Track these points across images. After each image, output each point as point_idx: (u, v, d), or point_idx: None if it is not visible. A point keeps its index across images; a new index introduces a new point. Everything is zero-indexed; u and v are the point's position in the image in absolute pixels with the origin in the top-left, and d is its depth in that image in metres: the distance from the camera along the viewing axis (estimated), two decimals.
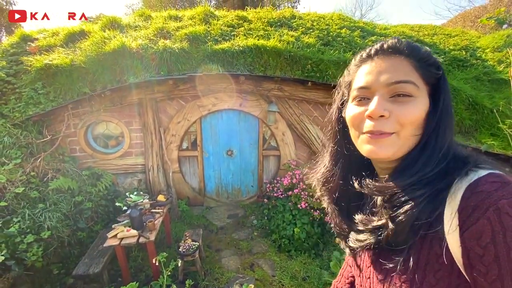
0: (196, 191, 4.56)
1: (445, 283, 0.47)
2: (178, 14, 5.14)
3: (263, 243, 3.59)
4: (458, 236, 0.45)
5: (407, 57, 0.54)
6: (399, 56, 0.55)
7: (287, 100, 4.13)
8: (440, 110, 0.54)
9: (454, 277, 0.46)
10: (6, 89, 3.46)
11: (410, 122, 0.52)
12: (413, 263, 0.51)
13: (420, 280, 0.50)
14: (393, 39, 0.58)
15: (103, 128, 4.06)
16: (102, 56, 3.57)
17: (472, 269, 0.43)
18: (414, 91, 0.52)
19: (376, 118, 0.53)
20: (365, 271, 0.69)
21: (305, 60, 3.89)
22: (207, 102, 4.07)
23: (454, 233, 0.45)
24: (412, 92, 0.52)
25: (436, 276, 0.48)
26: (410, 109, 0.52)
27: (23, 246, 2.49)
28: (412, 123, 0.52)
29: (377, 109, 0.52)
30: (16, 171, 2.95)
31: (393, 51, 0.55)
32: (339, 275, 1.04)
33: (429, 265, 0.49)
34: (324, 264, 3.08)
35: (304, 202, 3.45)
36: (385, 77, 0.53)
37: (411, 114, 0.52)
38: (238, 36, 4.21)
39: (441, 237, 0.47)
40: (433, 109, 0.54)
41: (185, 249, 2.82)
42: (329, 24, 5.22)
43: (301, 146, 4.45)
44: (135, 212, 2.73)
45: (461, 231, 0.44)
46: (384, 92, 0.54)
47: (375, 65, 0.56)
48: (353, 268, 0.80)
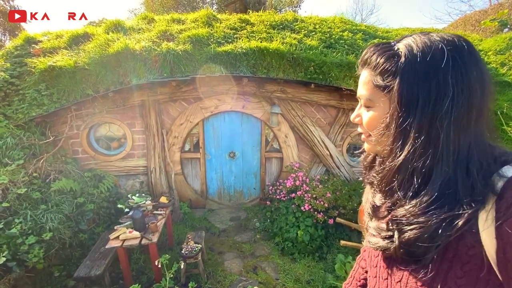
0: (198, 193, 4.53)
1: (472, 277, 0.45)
2: (181, 17, 5.17)
3: (266, 246, 3.55)
4: (493, 229, 0.42)
5: (368, 69, 0.59)
6: (366, 68, 0.60)
7: (290, 102, 4.13)
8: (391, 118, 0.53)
9: (484, 272, 0.44)
10: (9, 91, 3.47)
11: (368, 128, 0.62)
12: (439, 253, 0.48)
13: (444, 271, 0.47)
14: (368, 48, 0.61)
15: (106, 130, 4.06)
16: (106, 58, 3.58)
17: (507, 263, 0.41)
18: (368, 103, 0.60)
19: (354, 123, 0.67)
20: (382, 271, 0.67)
21: (308, 62, 3.90)
22: (209, 104, 4.07)
23: (489, 227, 0.43)
24: (367, 104, 0.60)
25: (464, 269, 0.45)
26: (365, 117, 0.62)
27: (24, 247, 2.47)
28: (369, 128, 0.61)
29: (351, 117, 0.67)
30: (18, 172, 2.94)
31: (363, 64, 0.62)
32: (350, 277, 1.02)
33: (457, 256, 0.46)
34: (328, 267, 3.03)
35: (308, 204, 3.42)
36: (358, 90, 0.63)
37: (365, 121, 0.62)
38: (241, 39, 4.22)
39: (473, 228, 0.45)
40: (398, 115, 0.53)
41: (188, 251, 2.79)
42: (331, 27, 5.24)
43: (303, 148, 4.43)
44: (137, 213, 2.70)
45: (497, 223, 0.42)
46: (360, 101, 0.64)
47: (359, 76, 0.64)
48: (369, 268, 0.77)
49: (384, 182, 0.60)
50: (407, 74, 0.50)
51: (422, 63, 0.49)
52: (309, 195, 3.52)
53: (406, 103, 0.50)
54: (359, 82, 0.62)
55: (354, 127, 4.39)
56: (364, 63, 0.61)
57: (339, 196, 3.57)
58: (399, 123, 0.52)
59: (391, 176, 0.57)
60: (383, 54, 0.55)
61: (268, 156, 4.49)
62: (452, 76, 0.47)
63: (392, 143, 0.55)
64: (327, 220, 3.43)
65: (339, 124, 4.26)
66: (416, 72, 0.49)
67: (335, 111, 4.28)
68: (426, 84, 0.48)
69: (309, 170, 4.38)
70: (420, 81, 0.49)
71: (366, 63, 0.60)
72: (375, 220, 0.67)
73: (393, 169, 0.55)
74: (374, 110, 0.59)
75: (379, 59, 0.55)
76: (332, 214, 3.44)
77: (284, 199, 3.89)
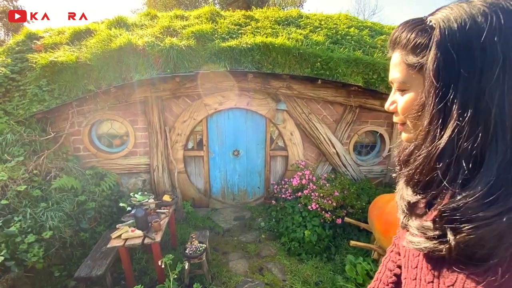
0: (202, 192, 4.44)
1: None
2: (184, 14, 5.10)
3: (272, 246, 3.45)
4: None
5: (398, 49, 0.55)
6: (396, 49, 0.56)
7: (296, 99, 4.03)
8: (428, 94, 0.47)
9: None
10: (10, 86, 3.41)
11: (403, 113, 0.56)
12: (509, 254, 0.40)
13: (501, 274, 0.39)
14: (396, 27, 0.56)
15: (108, 127, 3.98)
16: (108, 53, 3.51)
17: None
18: (402, 86, 0.55)
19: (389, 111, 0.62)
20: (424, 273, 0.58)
21: (314, 58, 3.80)
22: (213, 101, 3.99)
23: None
24: (401, 87, 0.55)
25: None
26: (400, 102, 0.56)
27: (23, 246, 2.39)
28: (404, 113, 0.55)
29: (386, 105, 0.62)
30: (18, 169, 2.87)
31: (392, 45, 0.57)
32: (375, 280, 0.94)
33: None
34: (337, 268, 2.93)
35: (315, 203, 3.32)
36: (390, 74, 0.58)
37: (400, 106, 0.56)
38: (246, 34, 4.14)
39: None
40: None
41: (192, 251, 2.70)
42: (337, 24, 5.15)
43: (309, 146, 4.33)
44: (140, 211, 2.61)
45: None
46: (393, 87, 0.59)
47: (390, 59, 0.58)
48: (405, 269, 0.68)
49: (420, 172, 0.52)
50: (443, 44, 0.44)
51: (461, 30, 0.43)
52: (316, 194, 3.41)
53: (445, 77, 0.44)
54: (390, 65, 0.57)
55: (361, 125, 4.29)
56: (393, 43, 0.56)
57: (347, 195, 3.46)
58: (437, 100, 0.45)
59: (432, 163, 0.48)
60: (413, 29, 0.50)
61: (273, 154, 4.39)
62: (501, 40, 0.40)
63: (429, 123, 0.48)
64: (335, 220, 3.32)
65: (346, 121, 4.16)
66: (454, 41, 0.43)
67: (341, 108, 4.18)
68: (468, 52, 0.42)
69: (315, 169, 4.28)
70: (461, 50, 0.43)
71: (395, 43, 0.55)
72: (415, 218, 0.59)
73: (433, 155, 0.47)
74: (409, 92, 0.53)
75: (409, 35, 0.51)
76: (340, 213, 3.34)
77: (289, 198, 3.79)
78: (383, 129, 4.30)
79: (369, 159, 4.50)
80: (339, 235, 3.40)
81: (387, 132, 4.33)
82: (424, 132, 0.49)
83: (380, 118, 4.28)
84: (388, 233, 2.45)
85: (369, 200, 3.49)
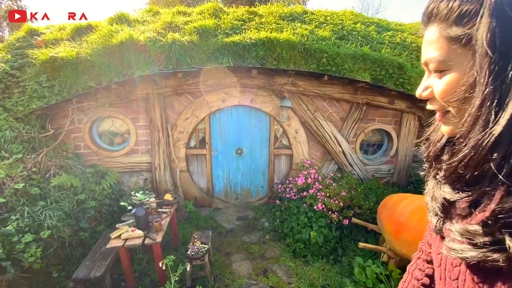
0: (204, 191, 4.35)
1: None
2: (186, 10, 5.02)
3: (276, 247, 3.34)
4: None
5: (436, 22, 0.47)
6: (432, 23, 0.48)
7: (301, 96, 3.92)
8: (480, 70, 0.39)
9: None
10: (10, 83, 3.34)
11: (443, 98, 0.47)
12: None
13: None
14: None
15: (109, 125, 3.90)
16: (109, 48, 3.42)
17: None
18: (442, 65, 0.46)
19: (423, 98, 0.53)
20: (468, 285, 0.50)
21: (320, 54, 3.69)
22: (216, 98, 3.89)
23: None
24: (441, 67, 0.46)
25: None
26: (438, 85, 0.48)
27: (20, 246, 2.31)
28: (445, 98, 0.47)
29: (418, 92, 0.53)
30: (16, 166, 2.79)
31: (427, 19, 0.49)
32: (406, 273, 0.86)
33: None
34: (345, 271, 2.81)
35: (321, 203, 3.21)
36: (423, 54, 0.51)
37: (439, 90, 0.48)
38: (250, 30, 4.04)
39: None
40: None
41: (194, 252, 2.60)
42: (343, 20, 5.03)
43: (314, 145, 4.22)
44: (140, 211, 2.53)
45: None
46: (426, 70, 0.51)
47: (423, 38, 0.51)
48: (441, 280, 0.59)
49: (466, 165, 0.43)
50: (499, 8, 0.38)
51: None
52: (322, 193, 3.30)
53: (502, 47, 0.37)
54: (424, 43, 0.50)
55: (368, 123, 4.17)
56: (428, 17, 0.48)
57: (354, 195, 3.35)
58: (492, 76, 0.38)
59: (483, 154, 0.40)
60: None
61: (277, 153, 4.28)
62: None
63: (479, 106, 0.39)
64: (342, 221, 3.21)
65: (353, 119, 4.04)
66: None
67: (348, 106, 4.06)
68: None
69: (321, 168, 4.17)
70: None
71: (431, 15, 0.47)
72: (456, 221, 0.50)
73: (485, 144, 0.39)
74: (452, 72, 0.45)
75: (451, 3, 0.43)
76: (347, 214, 3.22)
77: (294, 198, 3.68)
78: (390, 127, 4.18)
79: (376, 158, 4.37)
80: (346, 237, 3.29)
81: (395, 131, 4.20)
82: (473, 117, 0.40)
83: (387, 116, 4.16)
84: (400, 234, 2.34)
85: (377, 200, 3.37)
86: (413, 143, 4.25)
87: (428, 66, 0.49)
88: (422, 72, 2.87)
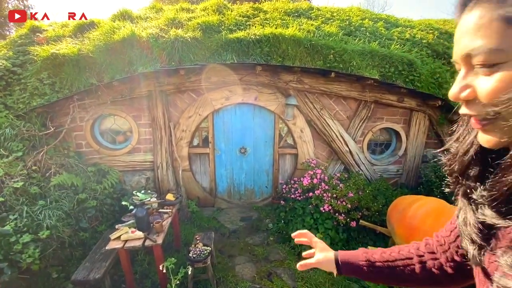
0: (207, 191, 4.27)
1: None
2: (190, 7, 4.94)
3: (281, 250, 3.24)
4: None
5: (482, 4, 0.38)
6: (475, 7, 0.39)
7: (307, 94, 3.81)
8: None
9: None
10: (11, 80, 3.29)
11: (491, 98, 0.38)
12: None
13: None
14: None
15: (111, 123, 3.84)
16: (111, 45, 3.36)
17: None
18: (494, 57, 0.36)
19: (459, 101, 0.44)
20: None
21: (327, 50, 3.57)
22: (220, 96, 3.80)
23: None
24: (492, 59, 0.37)
25: None
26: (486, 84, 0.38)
27: (18, 246, 2.25)
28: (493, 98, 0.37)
29: (452, 92, 0.43)
30: (16, 165, 2.74)
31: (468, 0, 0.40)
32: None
33: None
34: None
35: (328, 204, 3.10)
36: (461, 45, 0.41)
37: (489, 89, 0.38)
38: (254, 26, 3.93)
39: None
40: None
41: (196, 254, 2.52)
42: (350, 16, 4.89)
43: (320, 144, 4.10)
44: (141, 211, 2.45)
45: None
46: (465, 65, 0.42)
47: (458, 27, 0.42)
48: None
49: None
50: None
51: None
52: (329, 194, 3.19)
53: None
54: (462, 32, 0.41)
55: (376, 121, 4.04)
56: None
57: (362, 196, 3.22)
58: None
59: None
60: None
61: (281, 152, 4.18)
62: None
63: None
64: (349, 223, 3.09)
65: (360, 118, 3.91)
66: None
67: (355, 104, 3.93)
68: None
69: (327, 168, 4.05)
70: None
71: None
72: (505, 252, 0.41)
73: None
74: (509, 65, 0.35)
75: None
76: (355, 216, 3.10)
77: (299, 199, 3.58)
78: (399, 126, 4.04)
79: (383, 158, 4.24)
80: (353, 239, 3.17)
81: (404, 130, 4.06)
82: None
83: (396, 115, 4.02)
84: (412, 239, 2.21)
85: (386, 202, 3.25)
86: (423, 142, 4.11)
87: (471, 60, 0.40)
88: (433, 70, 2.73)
